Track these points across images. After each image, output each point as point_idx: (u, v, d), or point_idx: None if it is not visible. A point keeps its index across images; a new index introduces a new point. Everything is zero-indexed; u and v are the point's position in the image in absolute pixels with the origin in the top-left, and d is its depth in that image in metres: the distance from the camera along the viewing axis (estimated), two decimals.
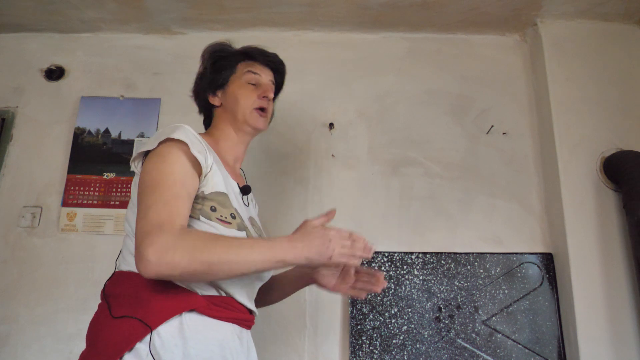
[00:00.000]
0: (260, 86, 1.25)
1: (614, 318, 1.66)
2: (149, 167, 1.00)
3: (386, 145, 1.99)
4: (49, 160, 1.99)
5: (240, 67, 1.27)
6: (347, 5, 1.93)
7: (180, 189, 0.96)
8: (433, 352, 1.70)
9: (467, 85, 2.06)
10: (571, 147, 1.84)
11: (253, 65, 1.27)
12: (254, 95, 1.23)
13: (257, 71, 1.26)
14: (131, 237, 1.02)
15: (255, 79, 1.25)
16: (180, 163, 1.00)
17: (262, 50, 1.31)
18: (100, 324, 0.98)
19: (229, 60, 1.27)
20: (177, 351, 0.92)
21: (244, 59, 1.28)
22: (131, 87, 2.08)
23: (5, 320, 1.79)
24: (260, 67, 1.28)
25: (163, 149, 1.01)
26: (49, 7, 1.97)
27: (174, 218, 0.91)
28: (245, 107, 1.22)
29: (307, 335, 1.78)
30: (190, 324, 0.96)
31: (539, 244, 1.86)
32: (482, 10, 1.95)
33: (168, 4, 1.95)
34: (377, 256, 1.81)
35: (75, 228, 1.90)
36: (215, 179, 1.06)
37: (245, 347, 1.09)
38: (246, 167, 1.33)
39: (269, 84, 1.28)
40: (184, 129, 1.03)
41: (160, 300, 0.94)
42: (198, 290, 0.99)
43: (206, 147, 1.07)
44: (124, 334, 0.92)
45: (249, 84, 1.24)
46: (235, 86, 1.24)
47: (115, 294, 0.99)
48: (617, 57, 1.94)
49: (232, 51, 1.30)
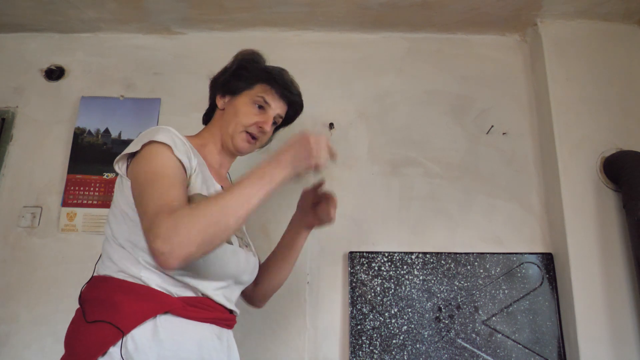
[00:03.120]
0: (264, 114, 1.22)
1: (614, 318, 1.66)
2: (138, 170, 1.00)
3: (386, 145, 1.99)
4: (49, 160, 1.99)
5: (258, 88, 1.23)
6: (347, 5, 1.93)
7: (173, 178, 0.97)
8: (433, 352, 1.70)
9: (467, 85, 2.06)
10: (571, 147, 1.84)
11: (270, 92, 1.23)
12: (254, 119, 1.20)
13: (269, 100, 1.22)
14: (110, 241, 1.03)
15: (264, 106, 1.23)
16: (168, 157, 1.00)
17: (287, 83, 1.26)
18: (75, 329, 0.98)
19: (252, 74, 1.24)
20: (151, 354, 0.92)
21: (266, 82, 1.23)
22: (131, 87, 2.08)
23: (5, 320, 1.79)
24: (275, 98, 1.24)
25: (148, 151, 1.01)
26: (49, 7, 1.97)
27: (171, 203, 0.91)
28: (239, 124, 1.20)
29: (307, 335, 1.78)
30: (166, 325, 0.95)
31: (539, 244, 1.86)
32: (482, 10, 1.95)
33: (168, 4, 1.95)
34: (377, 256, 1.81)
35: (75, 228, 1.90)
36: (198, 182, 1.06)
37: (226, 346, 1.08)
38: (246, 167, 1.32)
39: (273, 117, 1.23)
40: (166, 131, 1.03)
41: (133, 304, 0.94)
42: (173, 291, 0.98)
43: (190, 149, 1.07)
44: (97, 339, 0.92)
45: (255, 107, 1.22)
46: (242, 101, 1.22)
47: (89, 298, 0.99)
48: (617, 57, 1.94)
49: (259, 67, 1.26)
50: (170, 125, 1.08)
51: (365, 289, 1.78)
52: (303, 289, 1.82)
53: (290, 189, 1.94)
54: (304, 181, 1.16)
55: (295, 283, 1.82)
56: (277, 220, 1.90)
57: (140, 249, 0.98)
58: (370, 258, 1.81)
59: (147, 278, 0.97)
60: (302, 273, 1.84)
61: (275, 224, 1.89)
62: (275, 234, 1.87)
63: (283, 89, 1.24)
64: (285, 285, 1.82)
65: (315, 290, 1.82)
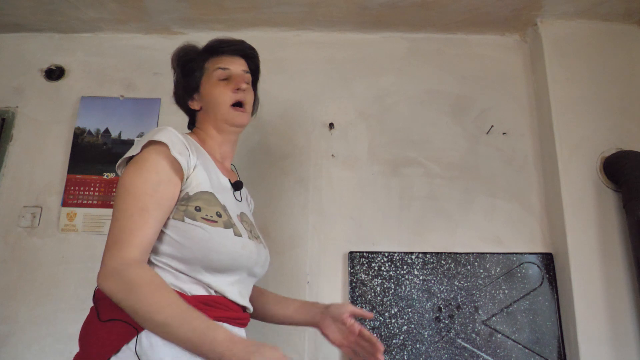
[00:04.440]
0: (232, 79, 1.21)
1: (614, 318, 1.66)
2: (125, 175, 1.02)
3: (386, 145, 1.99)
4: (49, 160, 1.99)
5: (209, 66, 1.23)
6: (347, 5, 1.93)
7: (148, 199, 0.97)
8: (433, 352, 1.70)
9: (467, 85, 2.06)
10: (571, 147, 1.84)
11: (220, 60, 1.23)
12: (228, 91, 1.19)
13: (225, 65, 1.22)
14: None
15: (226, 74, 1.21)
16: (155, 171, 1.00)
17: (226, 41, 1.25)
18: (89, 328, 0.98)
19: (196, 61, 1.24)
20: (165, 351, 0.92)
21: (210, 56, 1.24)
22: (131, 87, 2.08)
23: (5, 320, 1.79)
24: (229, 59, 1.23)
25: (143, 156, 1.02)
26: (49, 7, 1.97)
27: (132, 238, 0.93)
28: (221, 106, 1.19)
29: (307, 335, 1.77)
30: None
31: (539, 244, 1.86)
32: (482, 10, 1.95)
33: (168, 4, 1.95)
34: (377, 256, 1.81)
35: (75, 228, 1.90)
36: (200, 179, 1.06)
37: None
38: (246, 167, 1.33)
39: (241, 74, 1.23)
40: (166, 131, 1.04)
41: None
42: (187, 290, 0.99)
43: (191, 146, 1.07)
44: (111, 336, 0.92)
45: (220, 81, 1.21)
46: (208, 86, 1.22)
47: (103, 297, 0.99)
48: (617, 57, 1.94)
49: (197, 51, 1.26)
50: (171, 126, 1.08)
51: (365, 289, 1.78)
52: (303, 289, 1.82)
53: (291, 189, 1.95)
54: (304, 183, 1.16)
55: (295, 283, 1.83)
56: (277, 220, 1.91)
57: (154, 250, 1.00)
58: (370, 258, 1.81)
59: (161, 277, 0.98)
60: (302, 273, 1.84)
61: (276, 224, 1.90)
62: (275, 234, 1.88)
63: (228, 47, 1.24)
64: (285, 285, 1.83)
65: (315, 290, 1.82)
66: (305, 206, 1.92)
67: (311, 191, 1.94)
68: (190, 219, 1.00)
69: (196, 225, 1.00)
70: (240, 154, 1.73)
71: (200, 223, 1.00)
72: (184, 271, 0.99)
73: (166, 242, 1.00)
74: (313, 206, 1.92)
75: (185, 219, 1.00)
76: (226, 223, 1.05)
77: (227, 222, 1.05)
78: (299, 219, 1.90)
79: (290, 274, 1.84)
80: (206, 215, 1.02)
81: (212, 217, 1.03)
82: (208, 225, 1.01)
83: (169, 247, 1.00)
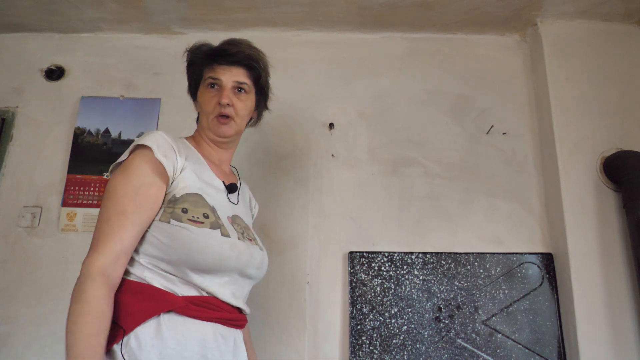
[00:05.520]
0: (219, 91, 1.19)
1: (614, 318, 1.66)
2: (110, 181, 1.04)
3: (386, 145, 1.99)
4: (49, 160, 1.99)
5: (204, 73, 1.22)
6: (347, 5, 1.93)
7: (127, 203, 0.98)
8: (433, 352, 1.70)
9: (467, 85, 2.06)
10: (571, 147, 1.84)
11: (214, 69, 1.20)
12: (214, 102, 1.18)
13: (216, 75, 1.19)
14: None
15: (217, 84, 1.20)
16: (137, 174, 1.02)
17: (224, 49, 1.21)
18: None
19: (197, 66, 1.24)
20: (154, 351, 0.93)
21: (208, 63, 1.22)
22: (131, 87, 2.08)
23: (5, 320, 1.79)
24: (223, 69, 1.19)
25: (128, 160, 1.04)
26: (49, 7, 1.97)
27: (105, 244, 0.95)
28: (207, 115, 1.19)
29: (307, 335, 1.78)
30: (169, 324, 0.96)
31: (539, 244, 1.86)
32: (482, 10, 1.95)
33: (168, 4, 1.95)
34: (377, 256, 1.81)
35: (75, 228, 1.90)
36: (187, 181, 1.06)
37: (232, 346, 1.07)
38: (247, 167, 1.33)
39: (228, 88, 1.19)
40: (152, 134, 1.06)
41: (138, 303, 0.96)
42: (177, 290, 1.00)
43: (181, 149, 1.08)
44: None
45: (211, 89, 1.20)
46: (200, 93, 1.23)
47: None
48: (617, 57, 1.94)
49: (199, 56, 1.25)
50: (170, 126, 1.09)
51: (365, 289, 1.78)
52: (303, 289, 1.82)
53: (290, 189, 1.95)
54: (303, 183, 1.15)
55: (295, 283, 1.83)
56: (277, 220, 1.91)
57: (142, 252, 1.01)
58: (370, 258, 1.81)
59: (150, 278, 0.99)
60: (302, 273, 1.84)
61: (276, 224, 1.90)
62: (275, 234, 1.88)
63: (224, 57, 1.20)
64: (285, 286, 1.83)
65: (315, 290, 1.82)
66: (305, 206, 1.92)
67: (311, 191, 1.94)
68: (176, 220, 1.01)
69: (182, 227, 1.00)
70: (240, 154, 1.73)
71: (185, 224, 1.00)
72: (172, 272, 1.00)
73: (153, 244, 1.01)
74: (313, 206, 1.92)
75: (172, 221, 1.01)
76: (213, 224, 1.04)
77: (215, 223, 1.05)
78: (299, 219, 1.91)
79: (290, 274, 1.84)
80: (192, 217, 1.02)
81: (199, 218, 1.03)
82: (193, 226, 1.01)
83: (155, 249, 1.01)
